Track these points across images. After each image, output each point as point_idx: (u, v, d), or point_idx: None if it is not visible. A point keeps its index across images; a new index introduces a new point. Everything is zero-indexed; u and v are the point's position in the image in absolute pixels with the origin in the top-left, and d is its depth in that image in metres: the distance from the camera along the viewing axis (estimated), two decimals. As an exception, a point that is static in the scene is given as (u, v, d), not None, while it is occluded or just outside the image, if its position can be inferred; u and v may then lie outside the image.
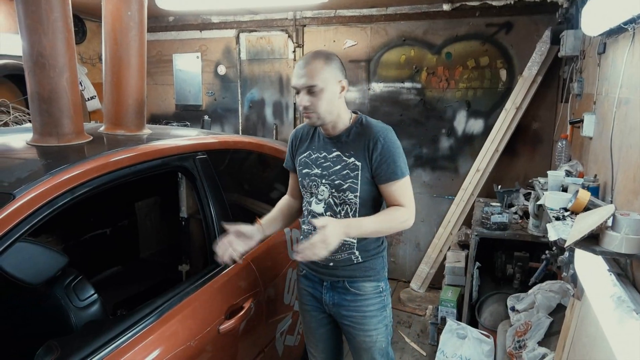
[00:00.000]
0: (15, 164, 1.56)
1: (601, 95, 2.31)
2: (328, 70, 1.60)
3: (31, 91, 1.73)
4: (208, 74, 4.85)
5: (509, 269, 3.24)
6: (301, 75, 1.59)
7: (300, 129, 1.87)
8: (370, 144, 1.63)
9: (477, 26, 3.86)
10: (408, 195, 1.68)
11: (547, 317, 2.33)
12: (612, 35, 2.11)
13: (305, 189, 1.78)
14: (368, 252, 1.75)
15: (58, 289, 1.60)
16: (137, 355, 1.42)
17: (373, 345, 1.79)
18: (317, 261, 1.72)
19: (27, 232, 1.29)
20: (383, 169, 1.63)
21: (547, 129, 3.81)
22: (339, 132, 1.70)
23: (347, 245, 1.71)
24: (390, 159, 1.62)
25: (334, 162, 1.69)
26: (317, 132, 1.78)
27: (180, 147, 1.92)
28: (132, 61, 2.06)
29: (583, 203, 1.88)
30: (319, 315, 1.87)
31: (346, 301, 1.77)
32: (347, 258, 1.73)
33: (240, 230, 1.70)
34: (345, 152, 1.68)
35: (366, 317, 1.76)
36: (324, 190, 1.70)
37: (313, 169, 1.74)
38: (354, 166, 1.65)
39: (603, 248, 1.46)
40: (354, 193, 1.66)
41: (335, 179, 1.68)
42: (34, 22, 1.63)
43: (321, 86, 1.58)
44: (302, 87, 1.59)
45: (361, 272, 1.75)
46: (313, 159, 1.75)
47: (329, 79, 1.60)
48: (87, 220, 2.79)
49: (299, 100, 1.62)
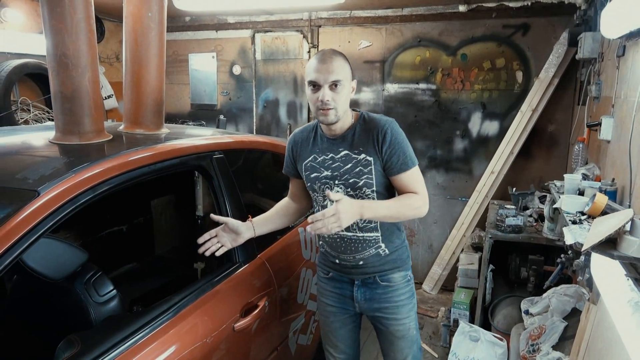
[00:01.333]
0: (38, 162, 1.60)
1: (620, 99, 2.29)
2: (347, 69, 1.63)
3: (54, 90, 1.77)
4: (223, 74, 4.89)
5: (523, 272, 3.21)
6: (326, 70, 1.58)
7: (299, 133, 1.84)
8: (379, 137, 1.64)
9: (493, 27, 3.83)
10: (420, 183, 1.70)
11: (561, 321, 2.32)
12: (632, 37, 2.09)
13: (316, 193, 1.77)
14: (393, 242, 1.77)
15: (78, 284, 1.64)
16: (155, 350, 1.44)
17: (407, 333, 1.83)
18: (346, 262, 1.77)
19: (51, 228, 1.32)
20: (394, 161, 1.64)
21: (564, 132, 3.77)
22: (345, 131, 1.70)
23: (372, 241, 1.73)
24: (400, 150, 1.64)
25: (344, 162, 1.69)
26: (317, 135, 1.77)
27: (197, 146, 1.95)
28: (152, 61, 2.09)
29: (600, 207, 1.86)
30: (342, 315, 1.89)
31: (377, 294, 1.79)
32: (375, 253, 1.75)
33: (229, 225, 1.72)
34: (354, 149, 1.68)
35: (398, 307, 1.80)
36: (339, 191, 1.70)
37: (322, 171, 1.73)
38: (366, 162, 1.66)
39: (621, 253, 1.45)
40: (371, 188, 1.67)
41: (349, 177, 1.68)
42: (58, 23, 1.67)
43: (344, 82, 1.60)
44: (327, 81, 1.58)
45: (390, 265, 1.78)
46: (320, 161, 1.74)
47: (348, 77, 1.63)
48: (104, 217, 2.84)
49: (321, 96, 1.59)
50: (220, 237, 1.74)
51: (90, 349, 1.34)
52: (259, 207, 2.37)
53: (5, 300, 1.95)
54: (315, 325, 2.47)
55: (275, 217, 1.91)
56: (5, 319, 1.91)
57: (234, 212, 1.95)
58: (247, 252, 1.95)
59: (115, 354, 1.35)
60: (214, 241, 1.73)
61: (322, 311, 1.96)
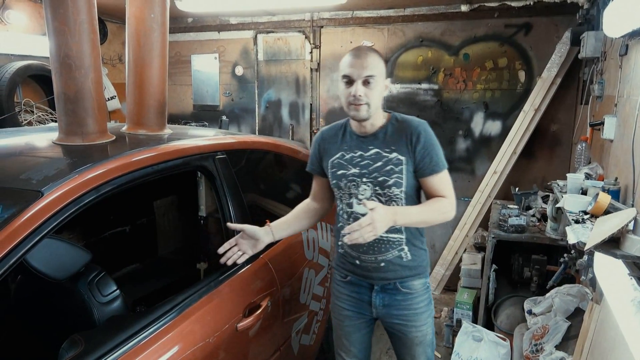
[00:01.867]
0: (42, 162, 1.60)
1: (622, 98, 2.28)
2: (382, 66, 1.64)
3: (57, 91, 1.77)
4: (225, 75, 4.90)
5: (526, 272, 3.21)
6: (360, 65, 1.59)
7: (326, 131, 1.84)
8: (413, 137, 1.65)
9: (495, 27, 3.83)
10: (449, 187, 1.70)
11: (564, 321, 2.31)
12: (635, 36, 2.09)
13: (342, 191, 1.76)
14: (415, 246, 1.76)
15: (82, 285, 1.64)
16: (158, 350, 1.45)
17: (424, 339, 1.83)
18: (367, 264, 1.75)
19: (54, 229, 1.33)
20: (426, 162, 1.65)
21: (566, 131, 3.77)
22: (376, 129, 1.70)
23: (396, 242, 1.72)
24: (433, 151, 1.65)
25: (374, 160, 1.68)
26: (346, 132, 1.77)
27: (200, 147, 1.95)
28: (155, 62, 2.10)
29: (603, 206, 1.86)
30: (358, 320, 1.87)
31: (397, 301, 1.78)
32: (397, 256, 1.74)
33: (246, 232, 1.72)
34: (385, 148, 1.68)
35: (417, 314, 1.79)
36: (366, 189, 1.69)
37: (350, 169, 1.72)
38: (398, 161, 1.66)
39: (624, 252, 1.45)
40: (400, 188, 1.67)
41: (378, 175, 1.67)
42: (61, 25, 1.68)
43: (378, 78, 1.61)
44: (361, 76, 1.59)
45: (410, 271, 1.76)
46: (348, 159, 1.73)
47: (382, 74, 1.63)
48: (107, 218, 2.85)
49: (354, 91, 1.60)
50: (240, 245, 1.72)
51: (94, 348, 1.34)
52: (261, 207, 2.38)
53: (9, 300, 1.96)
54: (318, 326, 2.47)
55: (294, 221, 1.90)
56: (9, 318, 1.92)
57: (237, 212, 1.95)
58: (250, 252, 1.95)
59: (119, 354, 1.36)
60: (235, 250, 1.71)
61: (336, 315, 1.93)
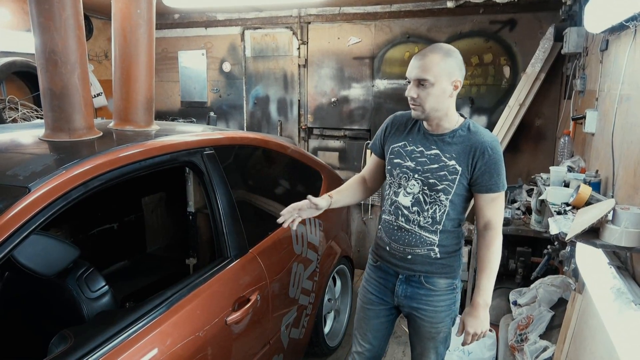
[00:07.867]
0: (29, 159, 1.60)
1: (603, 92, 2.33)
2: (443, 66, 1.56)
3: (43, 87, 1.76)
4: (213, 71, 4.89)
5: (511, 264, 3.26)
6: (414, 67, 1.57)
7: (399, 116, 1.83)
8: (477, 152, 1.61)
9: (480, 23, 3.87)
10: (500, 212, 1.68)
11: (548, 311, 2.36)
12: (614, 32, 2.13)
13: (393, 178, 1.75)
14: (446, 249, 1.73)
15: (70, 281, 1.64)
16: (148, 344, 1.45)
17: (437, 336, 1.82)
18: (395, 252, 1.77)
19: (42, 224, 1.33)
20: (485, 179, 1.62)
21: (550, 126, 3.83)
22: (443, 131, 1.67)
23: (428, 242, 1.71)
24: (495, 170, 1.61)
25: (431, 160, 1.66)
26: (418, 124, 1.74)
27: (188, 142, 1.95)
28: (141, 58, 2.09)
29: (584, 198, 1.91)
30: (379, 306, 1.88)
31: (419, 295, 1.78)
32: (426, 254, 1.73)
33: (312, 201, 1.72)
34: (446, 153, 1.64)
35: (436, 312, 1.78)
36: (415, 185, 1.68)
37: (406, 160, 1.71)
38: (454, 169, 1.63)
39: (603, 241, 1.49)
40: (447, 195, 1.65)
41: (430, 177, 1.65)
42: (46, 20, 1.67)
43: (432, 81, 1.55)
44: (413, 78, 1.58)
45: (438, 268, 1.75)
46: (408, 150, 1.71)
47: (442, 75, 1.56)
48: (95, 215, 2.83)
49: (407, 91, 1.61)
50: (301, 211, 1.72)
51: (83, 343, 1.35)
52: (250, 203, 2.39)
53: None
54: (307, 320, 2.49)
55: (348, 192, 1.90)
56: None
57: (225, 207, 1.96)
58: (239, 246, 1.97)
59: (108, 348, 1.36)
60: (294, 214, 1.71)
61: (362, 297, 1.95)
